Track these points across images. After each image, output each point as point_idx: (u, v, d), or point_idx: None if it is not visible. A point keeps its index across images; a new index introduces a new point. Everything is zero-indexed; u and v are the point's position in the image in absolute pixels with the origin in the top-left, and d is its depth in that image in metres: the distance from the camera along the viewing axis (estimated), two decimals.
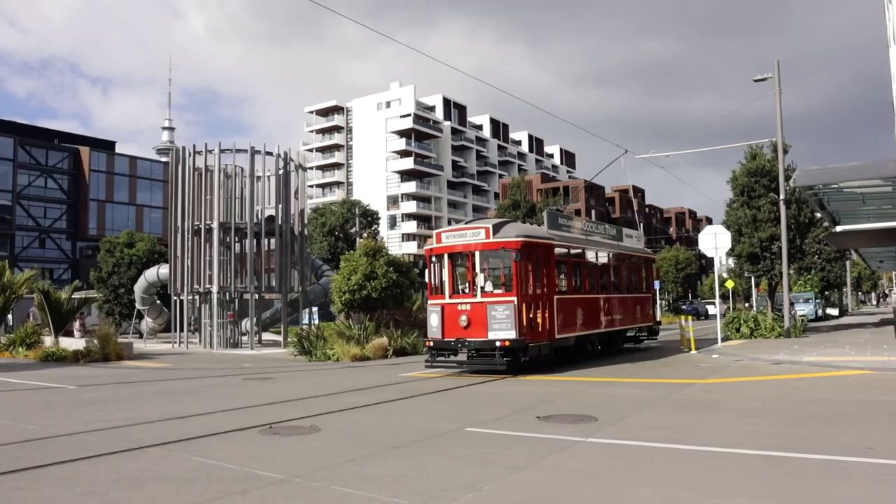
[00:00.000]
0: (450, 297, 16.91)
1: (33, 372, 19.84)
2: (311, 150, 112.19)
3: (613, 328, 21.46)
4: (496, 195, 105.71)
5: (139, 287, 36.46)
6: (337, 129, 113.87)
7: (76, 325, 32.17)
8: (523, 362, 16.25)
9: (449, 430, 9.44)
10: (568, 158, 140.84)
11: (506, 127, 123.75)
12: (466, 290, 17.17)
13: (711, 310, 60.30)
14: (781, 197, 27.44)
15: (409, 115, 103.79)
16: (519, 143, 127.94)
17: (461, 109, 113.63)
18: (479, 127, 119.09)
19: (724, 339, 25.70)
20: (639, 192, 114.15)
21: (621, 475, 6.91)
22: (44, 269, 61.41)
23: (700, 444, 8.11)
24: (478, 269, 16.69)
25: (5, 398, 14.26)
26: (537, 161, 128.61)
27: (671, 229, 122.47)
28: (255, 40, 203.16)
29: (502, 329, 15.77)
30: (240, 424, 10.15)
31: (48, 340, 26.25)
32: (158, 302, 37.75)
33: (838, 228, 23.91)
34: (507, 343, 15.63)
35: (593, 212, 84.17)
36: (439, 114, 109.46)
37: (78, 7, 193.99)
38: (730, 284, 29.72)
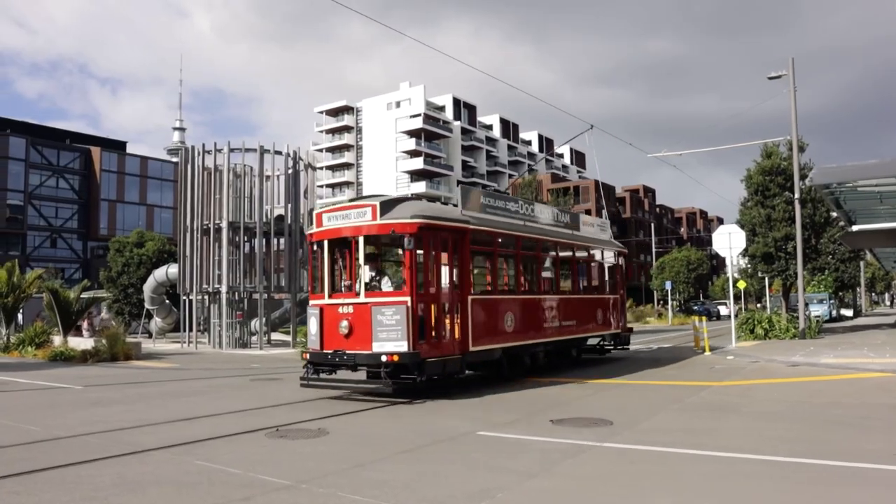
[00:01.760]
0: (329, 296, 13.23)
1: (41, 371, 19.73)
2: (320, 150, 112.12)
3: (565, 336, 17.27)
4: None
5: (148, 287, 36.44)
6: (347, 129, 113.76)
7: (85, 324, 32.15)
8: (419, 383, 12.46)
9: (461, 434, 9.21)
10: (578, 158, 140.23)
11: (515, 127, 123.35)
12: (351, 288, 13.31)
13: (723, 310, 59.93)
14: (797, 196, 27.06)
15: (418, 115, 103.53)
16: (529, 142, 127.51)
17: (471, 109, 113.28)
18: (489, 127, 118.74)
19: (737, 340, 25.35)
20: (649, 192, 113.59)
21: (638, 481, 6.65)
22: (55, 268, 61.49)
23: (719, 450, 7.85)
24: (361, 260, 12.78)
25: (10, 398, 14.13)
26: (547, 161, 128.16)
27: (682, 229, 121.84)
28: (260, 40, 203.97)
29: (390, 339, 12.03)
30: (246, 427, 9.95)
31: (57, 340, 26.19)
32: (168, 302, 37.70)
33: (854, 228, 23.59)
34: (394, 358, 11.90)
35: (604, 212, 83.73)
36: (449, 114, 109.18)
37: (84, 7, 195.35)
38: (742, 285, 29.36)
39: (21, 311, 31.44)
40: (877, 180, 16.87)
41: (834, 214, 29.61)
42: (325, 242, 13.45)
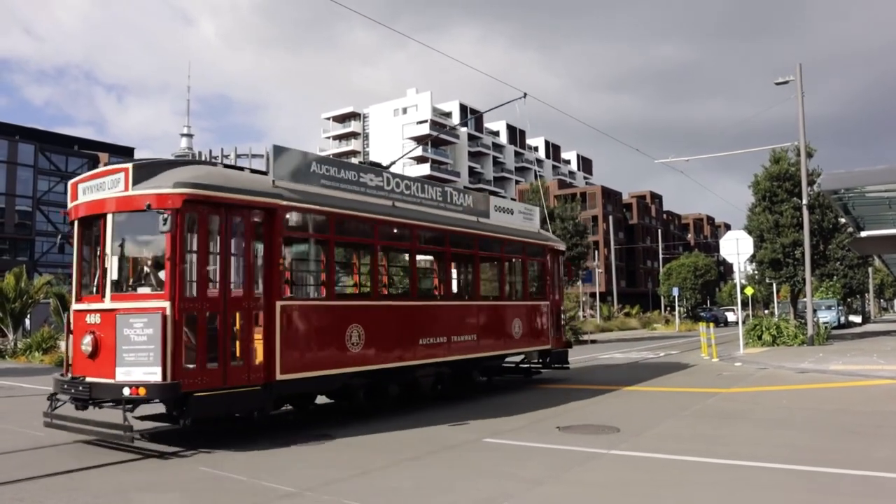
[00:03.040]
0: (77, 298, 9.87)
1: (47, 377, 19.72)
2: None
3: (459, 356, 13.19)
4: (513, 201, 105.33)
5: None
6: (353, 135, 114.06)
7: None
8: (184, 426, 9.08)
9: (467, 442, 9.15)
10: (585, 164, 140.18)
11: (522, 133, 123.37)
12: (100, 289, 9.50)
13: (731, 317, 59.64)
14: (804, 201, 26.93)
15: (425, 121, 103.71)
16: (535, 149, 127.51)
17: (478, 116, 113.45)
18: (496, 133, 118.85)
19: (745, 346, 25.20)
20: (656, 198, 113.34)
21: (646, 489, 6.58)
22: (63, 274, 61.72)
23: (728, 458, 7.76)
24: (108, 248, 9.22)
25: (15, 403, 14.15)
26: (554, 167, 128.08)
27: (689, 235, 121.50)
28: (266, 46, 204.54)
29: (139, 363, 8.46)
30: (253, 435, 9.91)
31: (63, 345, 26.19)
32: None
33: (863, 234, 23.41)
34: (141, 391, 8.34)
35: (611, 217, 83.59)
36: (456, 120, 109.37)
37: (90, 14, 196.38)
38: (749, 291, 29.26)
39: (28, 316, 31.51)
40: (886, 186, 16.72)
41: (842, 220, 29.48)
42: (76, 223, 9.95)
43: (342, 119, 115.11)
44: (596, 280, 59.01)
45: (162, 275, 8.99)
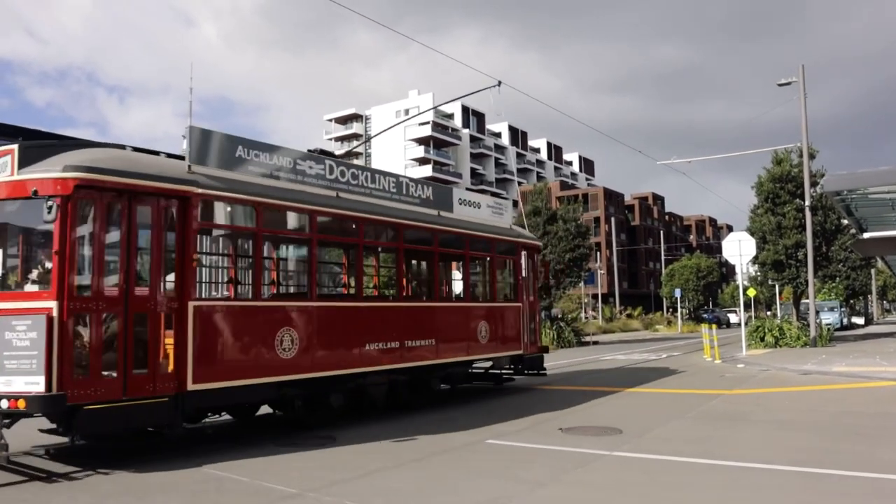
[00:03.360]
0: None
1: None
2: None
3: (416, 362, 12.02)
4: (515, 203, 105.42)
5: None
6: (356, 136, 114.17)
7: None
8: (75, 445, 8.73)
9: (470, 443, 9.14)
10: (587, 166, 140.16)
11: (524, 134, 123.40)
12: None
13: (733, 318, 59.58)
14: (807, 203, 26.91)
15: (427, 122, 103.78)
16: (538, 150, 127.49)
17: (479, 117, 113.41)
18: (498, 134, 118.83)
19: (748, 348, 25.17)
20: (658, 199, 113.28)
21: (649, 491, 6.57)
22: None
23: (731, 459, 7.75)
24: None
25: None
26: (556, 168, 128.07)
27: (692, 237, 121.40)
28: (267, 48, 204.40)
29: (21, 370, 7.45)
30: (253, 434, 9.91)
31: None
32: None
33: (865, 235, 23.39)
34: (20, 404, 7.29)
35: (613, 219, 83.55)
36: (458, 121, 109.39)
37: (92, 16, 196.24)
38: (752, 293, 29.23)
39: None
40: (888, 187, 16.71)
41: (845, 222, 29.42)
42: None
43: (344, 120, 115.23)
44: (598, 281, 58.94)
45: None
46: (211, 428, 10.61)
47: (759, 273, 34.55)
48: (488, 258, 14.89)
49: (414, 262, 14.75)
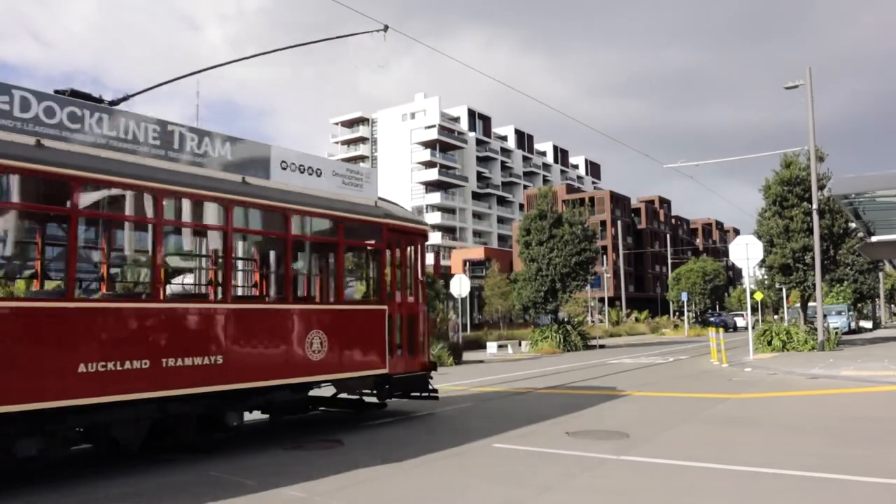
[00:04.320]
0: None
1: None
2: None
3: (189, 388, 8.34)
4: (521, 206, 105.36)
5: None
6: (362, 140, 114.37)
7: None
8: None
9: (476, 447, 9.12)
10: (593, 169, 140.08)
11: (530, 138, 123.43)
12: None
13: (740, 322, 59.40)
14: (814, 206, 26.82)
15: (433, 126, 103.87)
16: (544, 153, 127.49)
17: (486, 120, 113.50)
18: (504, 138, 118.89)
19: (755, 351, 25.08)
20: (665, 202, 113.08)
21: (656, 496, 6.54)
22: None
23: (739, 464, 7.70)
24: None
25: None
26: (562, 172, 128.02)
27: (698, 240, 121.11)
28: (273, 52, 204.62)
29: None
30: (261, 438, 9.92)
31: None
32: None
33: (873, 238, 23.31)
34: None
35: (619, 222, 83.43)
36: (464, 125, 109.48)
37: (98, 21, 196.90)
38: (759, 296, 29.10)
39: None
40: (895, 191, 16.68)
41: (853, 225, 29.29)
42: None
43: (350, 124, 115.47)
44: (604, 285, 58.87)
45: None
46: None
47: (766, 276, 34.48)
48: (332, 244, 10.96)
49: (192, 246, 10.29)
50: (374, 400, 11.78)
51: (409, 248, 12.19)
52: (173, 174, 8.58)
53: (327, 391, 11.32)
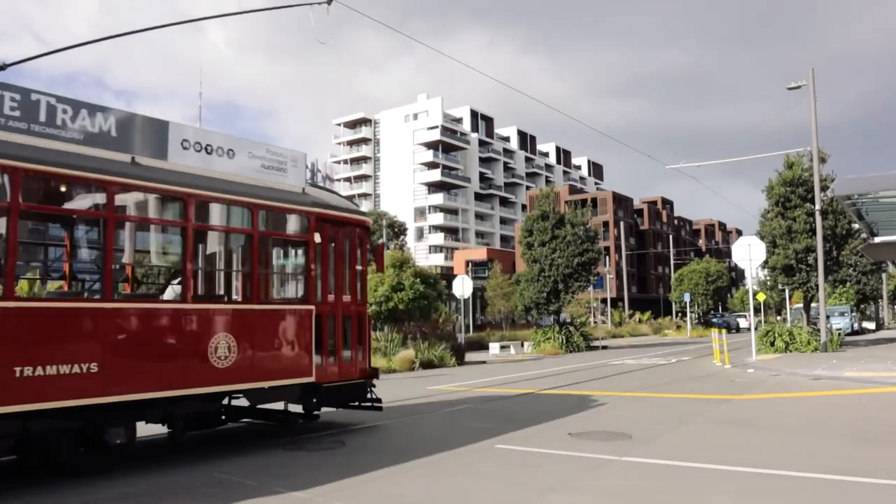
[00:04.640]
0: None
1: None
2: (338, 162, 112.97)
3: (47, 402, 6.96)
4: (523, 207, 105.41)
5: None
6: (364, 140, 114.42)
7: None
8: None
9: (479, 448, 9.11)
10: (595, 170, 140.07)
11: (533, 139, 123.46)
12: None
13: (742, 323, 59.34)
14: (817, 207, 26.78)
15: (436, 126, 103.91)
16: (546, 154, 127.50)
17: (488, 121, 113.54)
18: (507, 139, 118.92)
19: (758, 352, 25.04)
20: (667, 203, 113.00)
21: (659, 497, 6.53)
22: None
23: (743, 465, 7.68)
24: None
25: None
26: (565, 173, 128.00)
27: (701, 241, 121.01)
28: (274, 53, 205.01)
29: None
30: (262, 438, 9.92)
31: None
32: None
33: (876, 239, 23.27)
34: None
35: (622, 223, 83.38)
36: (466, 126, 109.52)
37: (100, 22, 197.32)
38: (761, 297, 29.08)
39: None
40: None
41: (856, 226, 29.23)
42: None
43: (353, 125, 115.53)
44: (607, 286, 58.85)
45: None
46: (218, 433, 10.62)
47: (769, 277, 34.40)
48: (246, 235, 9.65)
49: (67, 237, 9.58)
50: (305, 411, 10.29)
51: (345, 242, 10.84)
52: (34, 151, 7.27)
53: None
